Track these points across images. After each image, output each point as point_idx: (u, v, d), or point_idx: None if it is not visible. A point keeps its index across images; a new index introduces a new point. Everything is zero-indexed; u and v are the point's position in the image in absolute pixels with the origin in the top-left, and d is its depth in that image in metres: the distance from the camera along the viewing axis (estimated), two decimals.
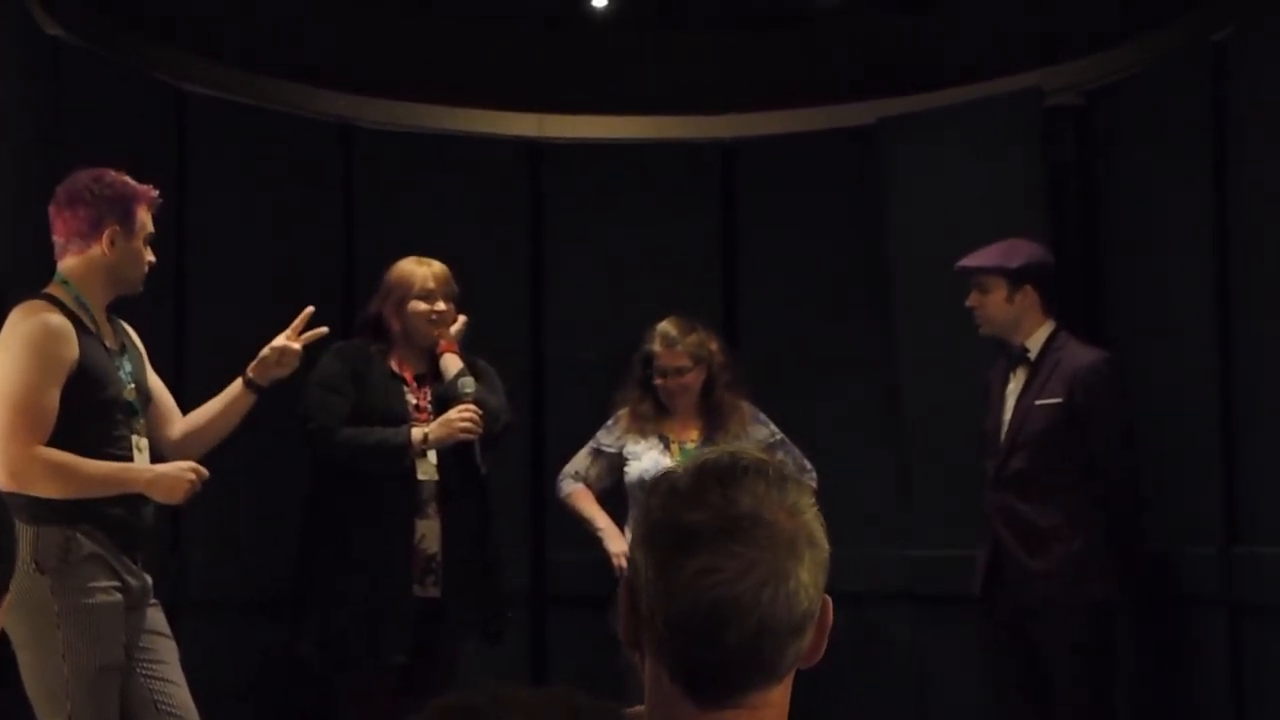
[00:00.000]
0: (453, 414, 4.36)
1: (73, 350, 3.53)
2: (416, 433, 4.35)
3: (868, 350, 5.35)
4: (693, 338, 4.82)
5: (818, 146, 5.49)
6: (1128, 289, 4.88)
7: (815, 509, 1.48)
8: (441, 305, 4.48)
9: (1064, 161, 5.07)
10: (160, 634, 3.69)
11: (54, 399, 3.50)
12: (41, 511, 3.48)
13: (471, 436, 4.36)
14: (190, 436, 3.89)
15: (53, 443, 3.49)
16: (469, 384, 4.41)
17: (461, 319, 4.55)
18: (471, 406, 4.37)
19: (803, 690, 1.50)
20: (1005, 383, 4.54)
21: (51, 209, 3.67)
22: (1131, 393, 4.45)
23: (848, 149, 5.42)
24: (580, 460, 4.95)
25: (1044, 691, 4.36)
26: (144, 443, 3.70)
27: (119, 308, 3.78)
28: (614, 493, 4.89)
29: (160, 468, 3.65)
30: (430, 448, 4.36)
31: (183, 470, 3.63)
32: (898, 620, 5.27)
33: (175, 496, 3.64)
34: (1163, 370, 4.61)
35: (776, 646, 1.43)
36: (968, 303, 4.53)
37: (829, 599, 1.47)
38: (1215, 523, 4.35)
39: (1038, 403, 4.41)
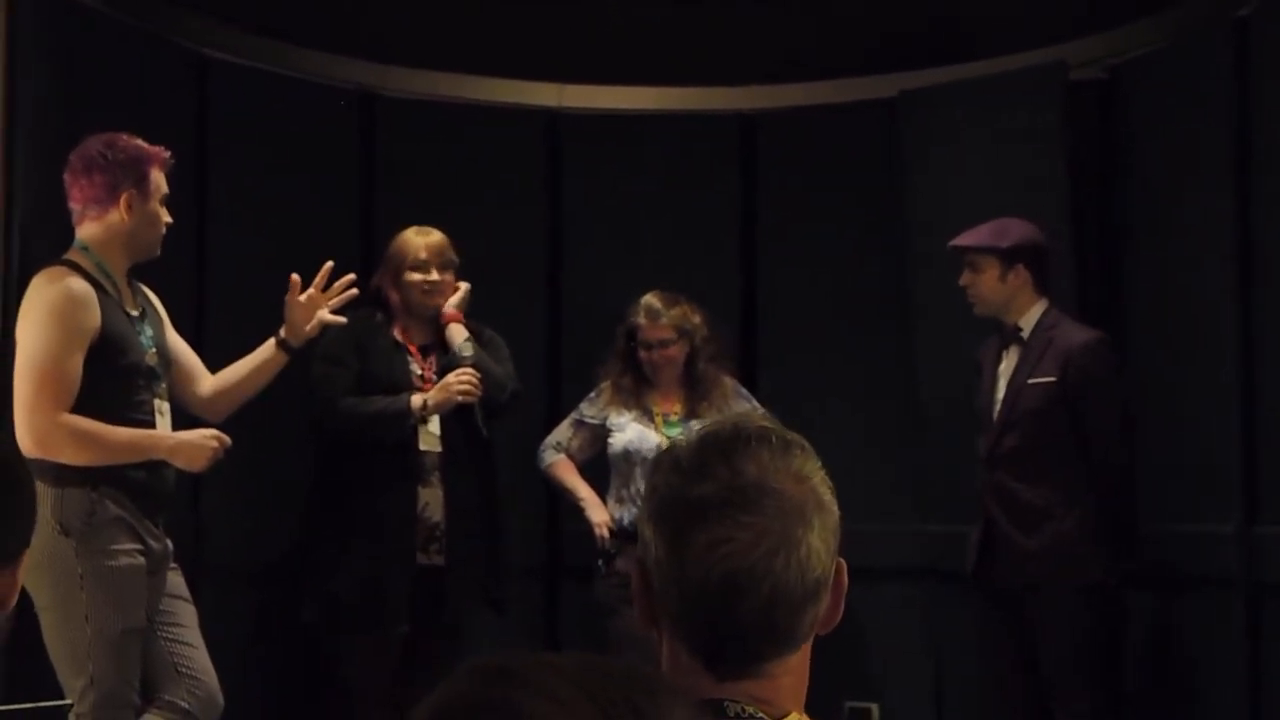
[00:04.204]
0: (450, 378, 4.37)
1: (95, 316, 3.54)
2: (416, 399, 4.36)
3: (885, 324, 5.33)
4: (676, 310, 4.82)
5: (838, 119, 5.46)
6: (1149, 264, 4.85)
7: (822, 473, 1.47)
8: (435, 275, 4.49)
9: (1087, 135, 5.04)
10: (180, 598, 3.72)
11: (77, 365, 3.51)
12: (66, 474, 3.50)
13: (470, 399, 4.37)
14: (220, 394, 3.92)
15: (76, 409, 3.51)
16: (468, 348, 4.42)
17: (464, 287, 4.55)
18: (470, 370, 4.37)
19: (819, 666, 1.50)
20: (997, 361, 4.53)
21: (67, 176, 3.67)
22: (1126, 372, 4.43)
23: (868, 122, 5.39)
24: (562, 431, 4.95)
25: (1039, 669, 4.34)
26: (165, 407, 3.71)
27: (140, 273, 3.79)
28: (595, 464, 4.90)
29: (183, 435, 3.67)
30: (430, 414, 4.36)
31: (205, 438, 3.65)
32: (914, 596, 5.27)
33: (197, 464, 3.66)
34: (1184, 345, 4.59)
35: (791, 614, 1.42)
36: (960, 282, 4.52)
37: (843, 562, 1.46)
38: (1234, 501, 4.34)
39: (1030, 381, 4.39)
